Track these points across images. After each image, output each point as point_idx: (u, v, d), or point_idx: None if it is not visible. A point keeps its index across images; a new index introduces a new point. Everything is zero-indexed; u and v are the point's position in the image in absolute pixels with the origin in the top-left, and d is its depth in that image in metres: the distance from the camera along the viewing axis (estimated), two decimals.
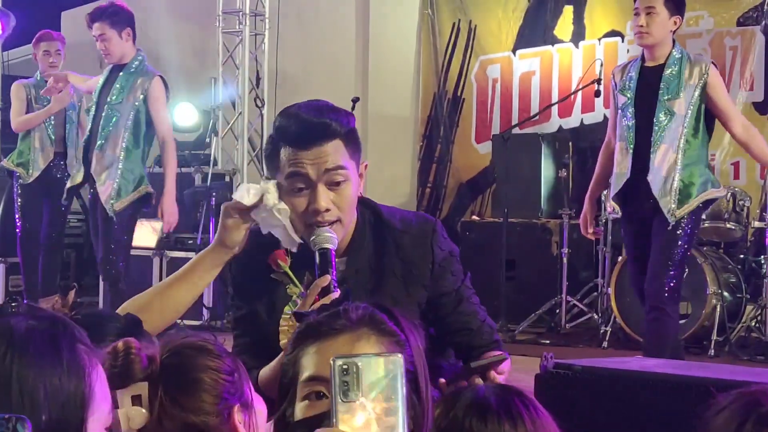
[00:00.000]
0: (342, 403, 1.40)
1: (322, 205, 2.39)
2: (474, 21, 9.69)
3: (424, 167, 9.98)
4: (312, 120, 2.41)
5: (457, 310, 2.59)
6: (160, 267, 8.47)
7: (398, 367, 1.41)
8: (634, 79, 5.13)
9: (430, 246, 2.56)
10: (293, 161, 2.41)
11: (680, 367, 2.71)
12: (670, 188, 4.99)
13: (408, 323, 1.70)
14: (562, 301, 7.58)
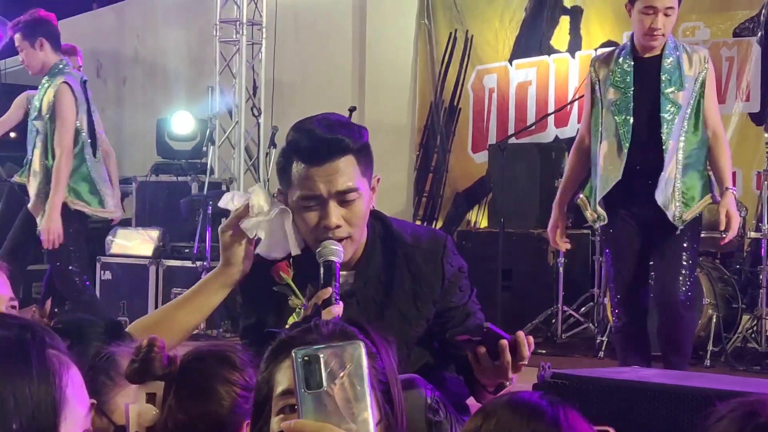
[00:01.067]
0: (306, 394, 1.41)
1: (333, 221, 2.40)
2: (471, 31, 9.71)
3: (420, 176, 9.98)
4: (325, 136, 2.40)
5: (464, 325, 2.60)
6: (156, 275, 8.46)
7: (361, 354, 1.42)
8: (630, 72, 4.69)
9: (440, 262, 2.57)
10: (305, 178, 2.40)
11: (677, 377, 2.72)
12: (673, 191, 4.63)
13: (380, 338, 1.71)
14: (559, 311, 7.58)
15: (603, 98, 4.72)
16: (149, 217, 9.11)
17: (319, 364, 1.42)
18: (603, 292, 7.19)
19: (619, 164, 4.63)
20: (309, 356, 1.42)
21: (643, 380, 2.50)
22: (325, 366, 1.42)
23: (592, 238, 7.76)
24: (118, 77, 11.67)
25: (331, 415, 1.41)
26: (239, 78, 9.22)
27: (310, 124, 2.45)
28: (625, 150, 4.62)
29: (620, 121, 4.65)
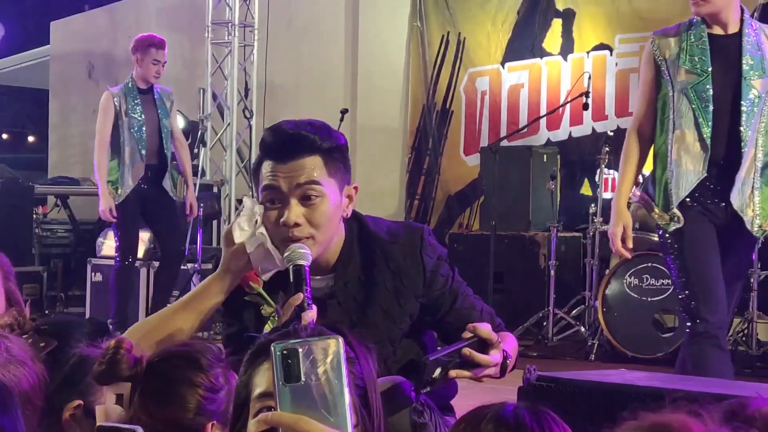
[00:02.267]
0: (284, 387, 1.41)
1: (292, 219, 2.36)
2: (463, 33, 9.71)
3: (412, 179, 9.98)
4: (289, 132, 2.41)
5: (454, 308, 2.60)
6: (148, 277, 8.43)
7: (338, 349, 1.42)
8: (706, 50, 4.02)
9: (419, 256, 2.55)
10: (269, 174, 2.40)
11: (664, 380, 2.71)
12: (750, 194, 4.00)
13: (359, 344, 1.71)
14: (550, 314, 7.58)
15: (673, 80, 4.03)
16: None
17: (297, 358, 1.42)
18: (594, 295, 7.19)
19: (701, 158, 3.99)
20: (287, 350, 1.42)
21: (628, 383, 2.49)
22: (304, 360, 1.42)
23: (583, 241, 7.76)
24: (110, 79, 11.64)
25: (309, 408, 1.41)
26: (231, 80, 9.21)
27: (281, 124, 2.47)
28: (707, 142, 3.96)
29: (696, 108, 4.00)
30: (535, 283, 7.90)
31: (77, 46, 12.04)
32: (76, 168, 11.76)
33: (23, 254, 9.39)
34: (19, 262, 9.12)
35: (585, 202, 8.09)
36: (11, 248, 9.14)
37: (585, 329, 7.37)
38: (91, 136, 11.95)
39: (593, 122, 8.64)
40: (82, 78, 11.90)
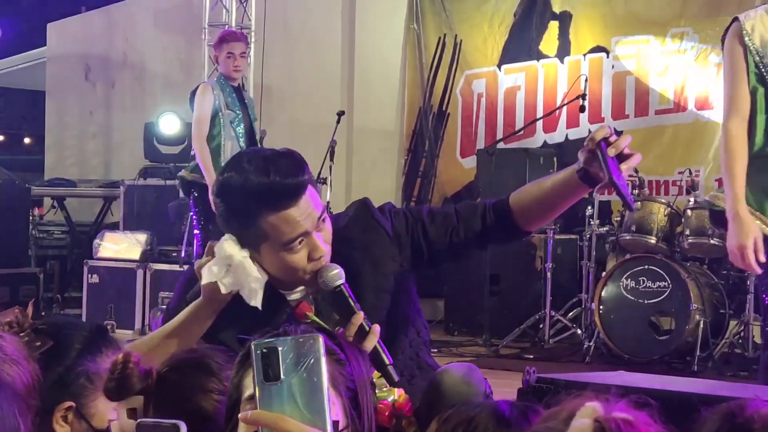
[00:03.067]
0: (264, 386, 1.41)
1: (324, 249, 2.44)
2: (460, 36, 9.71)
3: (408, 181, 9.98)
4: (291, 180, 2.40)
5: (435, 225, 2.63)
6: (144, 279, 8.44)
7: (318, 347, 1.43)
8: None
9: (374, 222, 2.59)
10: (285, 222, 2.40)
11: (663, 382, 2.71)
12: None
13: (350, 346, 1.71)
14: (546, 316, 7.58)
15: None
16: (137, 220, 9.09)
17: (277, 356, 1.42)
18: (590, 297, 7.19)
19: None
20: (267, 348, 1.43)
21: (628, 385, 2.50)
22: (283, 358, 1.42)
23: (579, 244, 7.76)
24: (107, 81, 11.65)
25: (289, 406, 1.42)
26: None
27: (263, 172, 2.40)
28: None
29: None
30: (532, 286, 7.91)
31: (74, 48, 12.03)
32: (73, 170, 11.74)
33: (20, 256, 9.38)
34: (15, 264, 9.15)
35: (581, 205, 8.09)
36: (7, 250, 9.15)
37: (581, 331, 7.38)
38: (87, 137, 12.00)
39: (590, 124, 8.63)
40: (78, 79, 11.88)
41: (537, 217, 2.62)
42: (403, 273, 2.60)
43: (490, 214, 2.61)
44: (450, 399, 2.27)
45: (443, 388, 2.35)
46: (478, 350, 7.55)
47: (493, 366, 6.72)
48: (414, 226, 2.61)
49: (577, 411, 1.29)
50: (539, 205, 2.58)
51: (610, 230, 7.38)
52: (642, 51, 8.65)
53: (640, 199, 7.07)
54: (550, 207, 2.60)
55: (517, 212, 2.58)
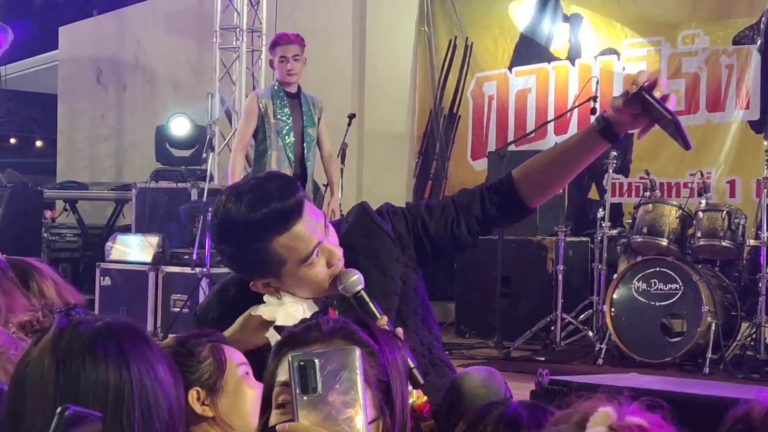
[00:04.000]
0: (301, 399, 1.43)
1: (339, 252, 2.47)
2: (470, 38, 9.71)
3: (419, 184, 9.98)
4: (290, 201, 2.42)
5: (434, 219, 2.63)
6: (156, 282, 8.46)
7: (355, 359, 1.44)
8: None
9: (375, 226, 2.60)
10: (297, 239, 2.42)
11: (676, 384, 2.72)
12: None
13: (385, 336, 1.72)
14: (558, 319, 7.58)
15: None
16: (149, 223, 9.11)
17: (314, 369, 1.44)
18: (602, 299, 7.19)
19: None
20: (305, 361, 1.44)
21: (641, 387, 2.50)
22: (321, 371, 1.43)
23: (591, 246, 7.76)
24: (119, 83, 11.68)
25: (325, 419, 1.43)
26: (239, 84, 9.23)
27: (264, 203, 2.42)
28: None
29: None
30: (543, 288, 7.91)
31: (85, 51, 12.06)
32: (84, 172, 11.78)
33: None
34: None
35: (592, 207, 8.09)
36: (20, 252, 9.15)
37: (593, 334, 7.37)
38: (99, 140, 12.03)
39: None
40: (90, 82, 11.92)
41: (548, 186, 2.60)
42: (409, 272, 2.62)
43: (490, 196, 2.61)
44: (470, 402, 2.28)
45: (463, 391, 2.36)
46: (490, 352, 7.55)
47: (504, 368, 6.69)
48: (414, 225, 2.62)
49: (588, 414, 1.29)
50: (552, 171, 2.56)
51: (621, 232, 7.38)
52: (653, 53, 8.64)
53: (651, 201, 7.07)
54: (565, 171, 2.57)
55: (523, 186, 2.57)
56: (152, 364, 1.49)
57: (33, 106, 15.53)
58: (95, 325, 1.52)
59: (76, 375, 1.47)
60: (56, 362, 1.49)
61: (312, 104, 7.07)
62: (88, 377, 1.47)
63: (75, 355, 1.49)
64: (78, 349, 1.49)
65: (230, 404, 2.14)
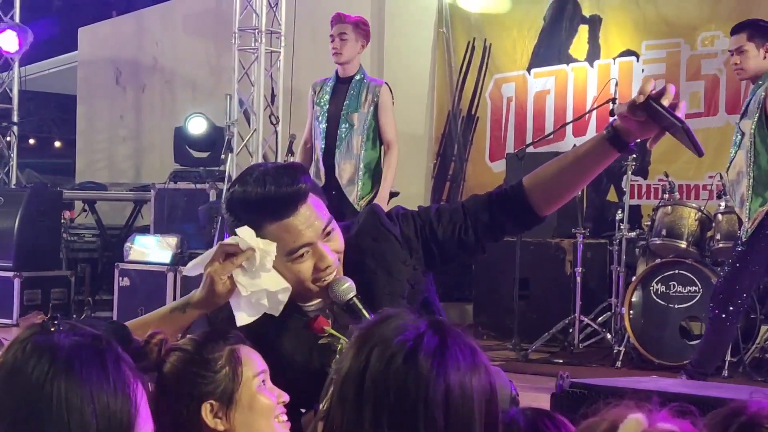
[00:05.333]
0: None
1: (330, 259, 2.45)
2: (489, 40, 9.71)
3: (437, 185, 9.98)
4: (288, 190, 2.43)
5: (442, 224, 2.62)
6: (174, 282, 8.49)
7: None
8: None
9: (383, 228, 2.60)
10: (286, 232, 2.42)
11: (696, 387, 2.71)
12: None
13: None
14: (576, 321, 7.57)
15: None
16: (167, 223, 9.13)
17: None
18: (620, 301, 7.17)
19: None
20: None
21: (661, 390, 2.49)
22: None
23: (609, 248, 7.74)
24: (137, 85, 11.72)
25: None
26: (257, 86, 9.23)
27: (262, 184, 2.44)
28: None
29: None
30: (561, 290, 7.90)
31: (104, 52, 12.11)
32: (103, 173, 11.82)
33: (51, 259, 9.45)
34: (47, 267, 9.22)
35: (611, 209, 8.07)
36: (39, 253, 9.22)
37: (611, 336, 7.36)
38: (117, 141, 12.07)
39: None
40: (109, 84, 11.96)
41: (558, 194, 2.57)
42: (418, 275, 2.62)
43: (500, 202, 2.59)
44: None
45: None
46: (508, 354, 7.54)
47: (522, 370, 6.72)
48: (422, 228, 2.62)
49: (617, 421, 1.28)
50: (563, 179, 2.54)
51: (640, 234, 7.36)
52: (672, 55, 8.62)
53: (670, 204, 7.05)
54: (575, 180, 2.55)
55: (534, 193, 2.55)
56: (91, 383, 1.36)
57: (51, 107, 15.60)
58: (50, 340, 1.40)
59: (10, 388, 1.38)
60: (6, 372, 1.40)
61: (366, 89, 6.74)
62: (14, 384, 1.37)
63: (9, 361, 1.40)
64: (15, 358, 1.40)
65: (244, 419, 2.12)
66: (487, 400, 1.54)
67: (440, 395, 1.49)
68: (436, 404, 1.49)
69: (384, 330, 1.58)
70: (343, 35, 6.72)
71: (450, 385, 1.50)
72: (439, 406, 1.49)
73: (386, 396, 1.50)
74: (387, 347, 1.53)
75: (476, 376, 1.54)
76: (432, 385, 1.49)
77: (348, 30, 6.72)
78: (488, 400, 1.55)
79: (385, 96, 6.75)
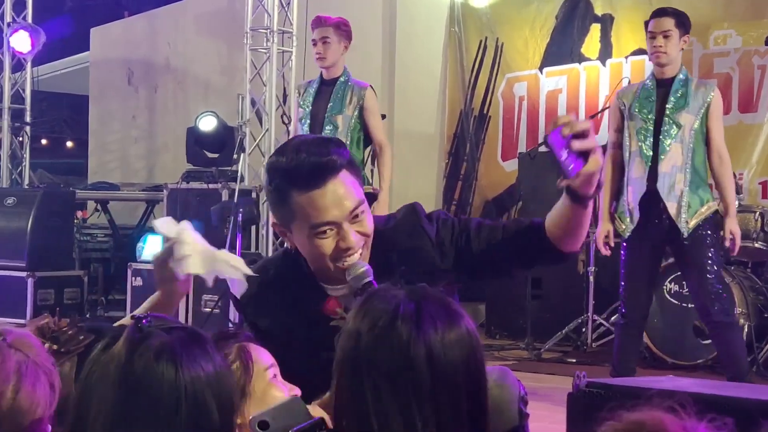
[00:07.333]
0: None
1: (353, 241, 2.42)
2: (501, 39, 9.70)
3: (449, 185, 9.98)
4: (319, 159, 2.41)
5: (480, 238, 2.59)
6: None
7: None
8: None
9: (421, 229, 2.58)
10: (311, 206, 2.41)
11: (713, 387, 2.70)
12: None
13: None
14: (589, 320, 7.56)
15: None
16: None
17: None
18: None
19: None
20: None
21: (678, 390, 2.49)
22: None
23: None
24: (150, 85, 11.74)
25: None
26: (269, 86, 9.24)
27: (297, 149, 2.45)
28: None
29: None
30: (574, 289, 7.89)
31: (117, 53, 12.13)
32: (116, 173, 11.85)
33: (64, 259, 9.47)
34: (60, 267, 9.24)
35: None
36: (52, 253, 9.24)
37: None
38: (130, 141, 12.09)
39: None
40: (121, 84, 11.99)
41: (564, 241, 2.53)
42: (442, 278, 2.58)
43: (532, 233, 2.55)
44: None
45: None
46: (520, 354, 7.54)
47: (535, 370, 6.72)
48: (459, 237, 2.59)
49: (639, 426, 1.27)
50: (560, 228, 2.51)
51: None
52: (684, 53, 8.57)
53: None
54: (568, 230, 2.51)
55: (549, 233, 2.53)
56: (206, 371, 1.59)
57: (64, 107, 15.63)
58: (160, 341, 1.60)
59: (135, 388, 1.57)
60: (122, 374, 1.59)
61: (351, 91, 6.71)
62: (147, 391, 1.56)
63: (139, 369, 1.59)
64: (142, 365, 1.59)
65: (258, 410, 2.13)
66: (469, 351, 1.69)
67: (422, 356, 1.64)
68: (420, 364, 1.63)
69: (372, 303, 1.72)
70: (326, 39, 6.66)
71: (430, 344, 1.65)
72: (423, 365, 1.63)
73: (377, 364, 1.64)
74: (372, 318, 1.68)
75: (454, 332, 1.68)
76: (413, 347, 1.64)
77: (329, 33, 6.67)
78: (470, 350, 1.69)
79: (370, 99, 6.73)
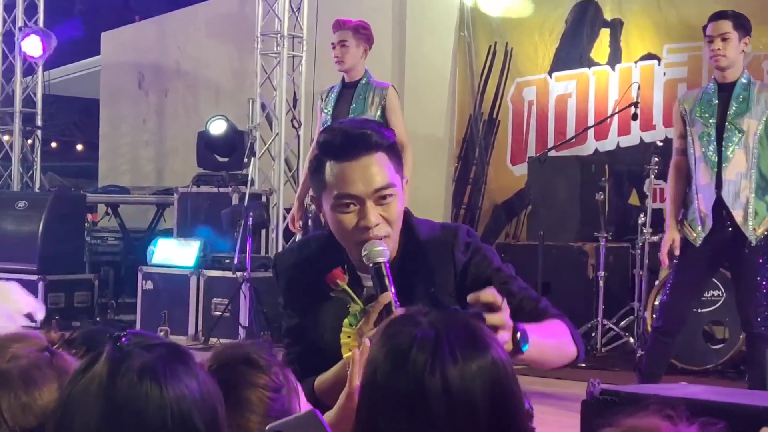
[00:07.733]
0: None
1: (372, 221, 2.39)
2: (510, 43, 9.72)
3: (458, 189, 9.99)
4: (355, 132, 2.43)
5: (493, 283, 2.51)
6: (197, 286, 8.54)
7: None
8: None
9: (451, 253, 2.54)
10: (340, 177, 2.41)
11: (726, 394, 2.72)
12: None
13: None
14: (598, 325, 7.57)
15: None
16: (190, 227, 9.18)
17: None
18: (643, 305, 7.17)
19: None
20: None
21: (691, 397, 2.51)
22: None
23: (632, 252, 7.74)
24: (160, 89, 11.77)
25: None
26: (280, 90, 9.28)
27: (339, 124, 2.54)
28: None
29: None
30: (584, 294, 7.89)
31: (127, 57, 12.17)
32: (126, 177, 11.89)
33: (75, 262, 9.51)
34: (70, 270, 9.28)
35: (633, 213, 8.08)
36: (63, 256, 9.28)
37: (634, 340, 7.36)
38: (140, 145, 12.13)
39: (641, 132, 8.62)
40: (132, 88, 12.03)
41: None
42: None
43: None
44: None
45: None
46: None
47: (545, 374, 6.71)
48: (480, 281, 2.49)
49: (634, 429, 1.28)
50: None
51: (662, 239, 7.34)
52: (694, 58, 8.61)
53: None
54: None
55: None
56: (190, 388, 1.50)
57: (74, 111, 15.69)
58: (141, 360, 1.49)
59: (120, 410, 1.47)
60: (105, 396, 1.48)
61: (372, 92, 6.63)
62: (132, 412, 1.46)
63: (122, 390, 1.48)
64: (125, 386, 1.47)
65: None
66: (494, 383, 1.56)
67: (437, 387, 1.53)
68: (435, 395, 1.53)
69: (393, 329, 1.65)
70: (344, 42, 6.62)
71: (446, 375, 1.54)
72: (439, 397, 1.53)
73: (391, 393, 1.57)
74: (390, 345, 1.61)
75: (476, 362, 1.56)
76: (427, 378, 1.54)
77: (348, 36, 6.62)
78: (495, 382, 1.57)
79: (393, 98, 6.66)
